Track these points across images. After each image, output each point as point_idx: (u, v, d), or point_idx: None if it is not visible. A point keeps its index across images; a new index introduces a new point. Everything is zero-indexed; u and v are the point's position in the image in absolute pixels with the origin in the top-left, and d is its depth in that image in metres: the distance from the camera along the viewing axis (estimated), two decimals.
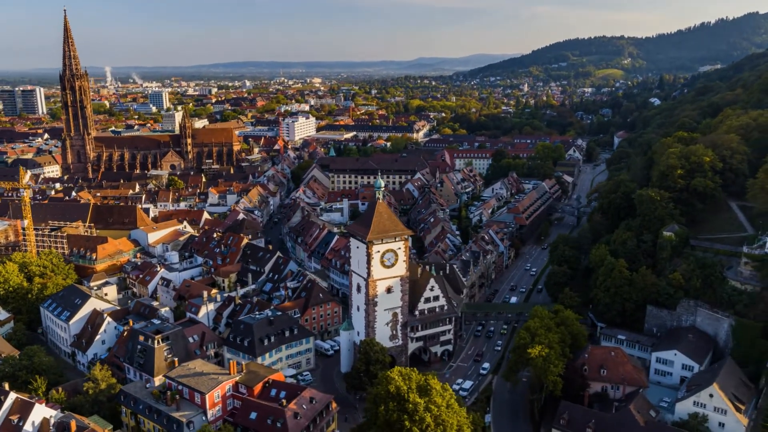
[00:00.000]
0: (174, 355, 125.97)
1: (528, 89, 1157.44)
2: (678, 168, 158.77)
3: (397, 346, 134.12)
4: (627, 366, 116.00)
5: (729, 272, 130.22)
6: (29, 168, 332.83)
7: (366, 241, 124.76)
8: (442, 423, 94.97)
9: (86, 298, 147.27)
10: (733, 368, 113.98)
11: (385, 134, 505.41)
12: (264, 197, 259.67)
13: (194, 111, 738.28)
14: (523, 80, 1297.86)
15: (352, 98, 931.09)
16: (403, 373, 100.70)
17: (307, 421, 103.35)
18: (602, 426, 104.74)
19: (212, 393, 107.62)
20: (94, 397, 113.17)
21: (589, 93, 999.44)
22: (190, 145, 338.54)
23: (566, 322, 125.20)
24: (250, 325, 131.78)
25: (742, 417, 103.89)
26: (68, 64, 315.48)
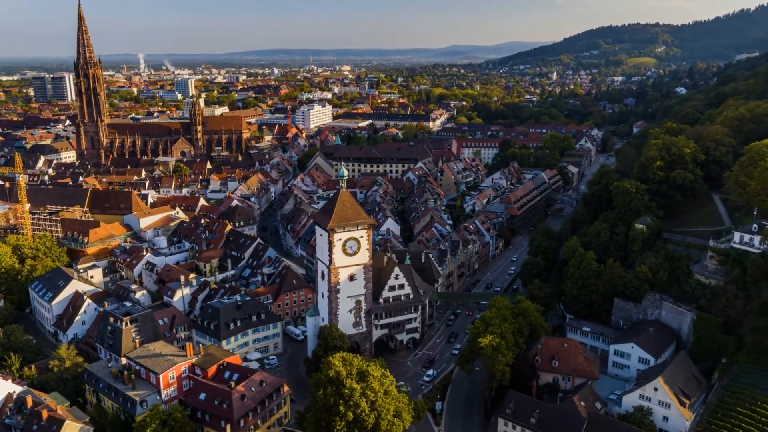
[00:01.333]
0: (142, 336, 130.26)
1: (557, 78, 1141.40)
2: (658, 160, 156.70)
3: (361, 333, 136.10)
4: (579, 358, 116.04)
5: (695, 266, 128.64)
6: (46, 153, 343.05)
7: (327, 229, 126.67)
8: (377, 409, 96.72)
9: (69, 280, 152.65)
10: (685, 363, 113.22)
11: (401, 123, 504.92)
12: (264, 184, 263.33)
13: (217, 98, 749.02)
14: (552, 68, 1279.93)
15: (376, 86, 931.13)
16: (346, 359, 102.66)
17: (253, 403, 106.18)
18: (546, 416, 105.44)
19: (166, 374, 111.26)
20: (59, 375, 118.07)
21: (619, 82, 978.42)
22: (200, 133, 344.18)
23: (525, 313, 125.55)
24: (218, 309, 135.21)
25: (685, 411, 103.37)
26: (82, 52, 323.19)
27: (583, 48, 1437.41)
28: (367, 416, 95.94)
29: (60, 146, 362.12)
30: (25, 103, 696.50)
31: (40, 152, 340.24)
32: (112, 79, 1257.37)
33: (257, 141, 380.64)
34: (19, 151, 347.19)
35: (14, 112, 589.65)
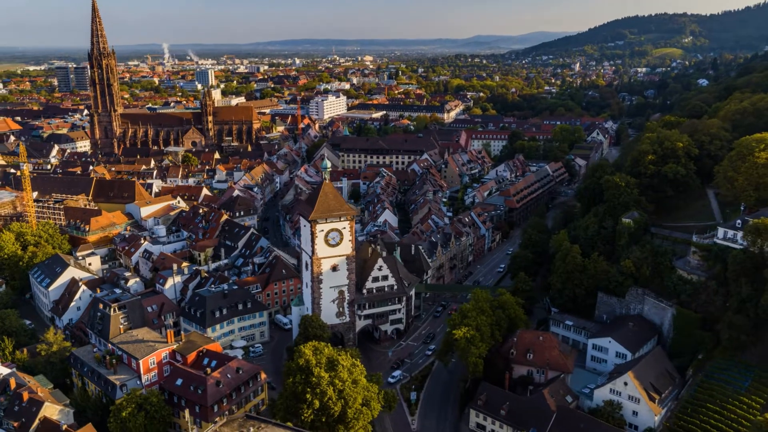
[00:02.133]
0: (130, 323, 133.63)
1: (579, 69, 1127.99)
2: (650, 153, 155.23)
3: (345, 323, 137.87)
4: (554, 351, 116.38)
5: (679, 262, 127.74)
6: (62, 143, 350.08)
7: (310, 220, 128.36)
8: (344, 397, 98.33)
9: (66, 267, 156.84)
10: (660, 358, 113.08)
11: (415, 114, 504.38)
12: (269, 175, 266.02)
13: (236, 88, 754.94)
14: (575, 59, 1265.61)
15: (395, 77, 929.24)
16: (318, 348, 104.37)
17: (228, 389, 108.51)
18: (515, 408, 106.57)
19: (147, 359, 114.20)
20: (47, 359, 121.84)
21: (642, 73, 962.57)
22: (211, 123, 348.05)
23: (505, 306, 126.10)
24: (204, 297, 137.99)
25: (654, 406, 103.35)
26: (95, 42, 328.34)
27: (608, 38, 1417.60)
28: (334, 404, 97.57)
29: (76, 135, 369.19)
30: (48, 93, 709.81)
31: (56, 141, 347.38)
32: (137, 68, 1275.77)
33: (268, 131, 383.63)
34: (35, 140, 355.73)
35: (37, 102, 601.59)
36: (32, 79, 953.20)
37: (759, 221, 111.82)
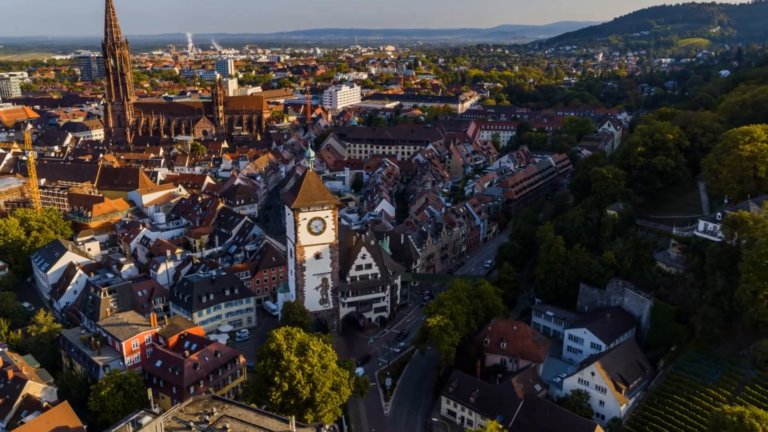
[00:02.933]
0: (120, 306, 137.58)
1: (602, 59, 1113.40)
2: (639, 145, 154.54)
3: (328, 310, 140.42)
4: (527, 341, 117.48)
5: (659, 254, 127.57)
6: (77, 131, 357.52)
7: (293, 208, 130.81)
8: (313, 381, 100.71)
9: (64, 251, 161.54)
10: (631, 349, 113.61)
11: (429, 104, 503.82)
12: (273, 164, 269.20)
13: (254, 78, 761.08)
14: (599, 49, 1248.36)
15: (414, 67, 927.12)
16: (290, 333, 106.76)
17: (206, 372, 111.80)
18: (484, 396, 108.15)
19: (129, 341, 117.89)
20: (37, 339, 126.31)
21: (666, 64, 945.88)
22: (222, 112, 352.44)
23: (483, 295, 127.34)
24: (192, 283, 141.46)
25: (620, 396, 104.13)
26: (109, 32, 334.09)
27: (633, 28, 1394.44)
28: (302, 387, 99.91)
29: (91, 124, 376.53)
30: (71, 82, 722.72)
31: (71, 130, 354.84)
32: (160, 58, 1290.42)
33: (278, 121, 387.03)
34: (52, 128, 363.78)
35: (58, 91, 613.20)
36: (57, 68, 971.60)
37: (736, 214, 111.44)
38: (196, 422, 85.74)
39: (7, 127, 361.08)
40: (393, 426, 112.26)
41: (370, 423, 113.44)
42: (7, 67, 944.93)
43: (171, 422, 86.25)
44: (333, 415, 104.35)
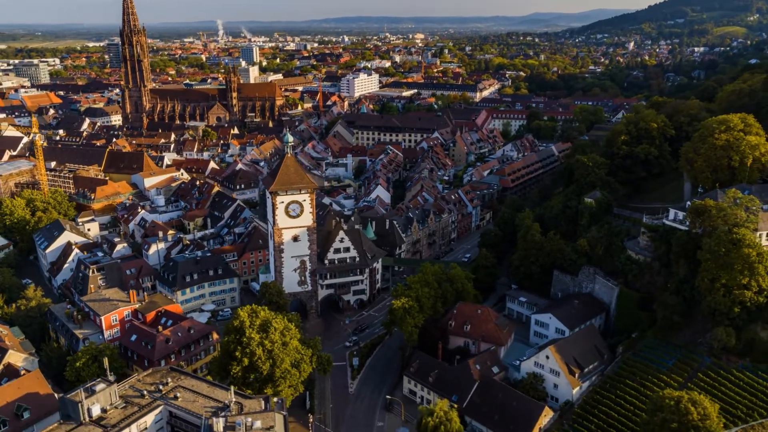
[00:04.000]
0: (108, 283, 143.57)
1: (633, 47, 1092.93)
2: (623, 134, 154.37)
3: (307, 292, 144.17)
4: (490, 324, 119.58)
5: (629, 242, 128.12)
6: (96, 116, 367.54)
7: (270, 192, 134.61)
8: (273, 357, 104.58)
9: (62, 231, 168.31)
10: (591, 335, 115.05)
11: (447, 92, 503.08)
12: (279, 150, 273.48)
13: (278, 65, 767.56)
14: (631, 38, 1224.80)
15: (439, 55, 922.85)
16: (254, 311, 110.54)
17: (177, 347, 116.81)
18: (442, 376, 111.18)
19: (108, 316, 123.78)
20: (26, 313, 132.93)
21: (699, 53, 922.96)
22: (236, 99, 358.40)
23: (453, 279, 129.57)
24: (177, 262, 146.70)
25: (573, 380, 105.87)
26: (126, 20, 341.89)
27: (668, 16, 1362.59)
28: (262, 363, 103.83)
29: (111, 110, 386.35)
30: (100, 69, 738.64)
31: (91, 115, 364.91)
32: (191, 45, 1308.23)
33: (291, 108, 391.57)
34: (73, 114, 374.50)
35: (87, 77, 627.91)
36: (89, 54, 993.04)
37: (700, 203, 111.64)
38: (150, 391, 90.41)
39: (30, 112, 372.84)
40: (355, 403, 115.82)
41: (333, 399, 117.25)
42: (42, 53, 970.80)
43: (127, 390, 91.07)
44: (294, 391, 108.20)
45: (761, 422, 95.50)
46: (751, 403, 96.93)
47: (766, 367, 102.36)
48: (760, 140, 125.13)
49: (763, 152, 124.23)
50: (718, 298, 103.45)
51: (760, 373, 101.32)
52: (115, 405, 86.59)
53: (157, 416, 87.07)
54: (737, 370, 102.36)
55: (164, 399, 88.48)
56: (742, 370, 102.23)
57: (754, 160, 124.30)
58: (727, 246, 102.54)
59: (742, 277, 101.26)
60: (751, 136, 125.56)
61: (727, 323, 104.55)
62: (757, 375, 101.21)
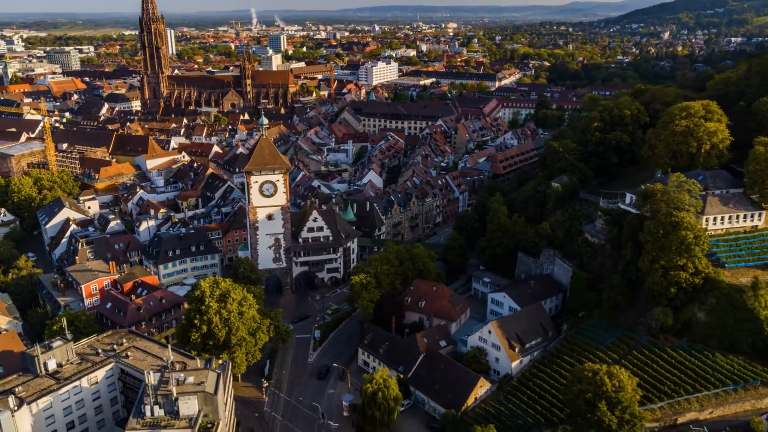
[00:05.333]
0: (96, 256, 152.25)
1: (668, 37, 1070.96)
2: (597, 120, 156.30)
3: (281, 269, 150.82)
4: (443, 301, 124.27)
5: (587, 226, 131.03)
6: (117, 102, 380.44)
7: (244, 172, 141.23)
8: (229, 326, 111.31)
9: (62, 208, 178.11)
10: (537, 313, 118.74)
11: (466, 81, 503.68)
12: (284, 135, 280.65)
13: (303, 54, 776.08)
14: (666, 27, 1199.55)
15: (466, 44, 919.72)
16: (217, 282, 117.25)
17: (148, 314, 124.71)
18: (391, 348, 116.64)
19: (89, 285, 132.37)
20: (17, 281, 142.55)
21: (735, 44, 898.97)
22: (250, 86, 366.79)
23: (415, 258, 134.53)
24: (161, 238, 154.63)
25: (513, 354, 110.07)
26: (146, 8, 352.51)
27: (707, 5, 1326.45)
28: (219, 330, 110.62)
29: (132, 95, 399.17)
30: (131, 56, 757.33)
31: (113, 101, 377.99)
32: (224, 34, 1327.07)
33: (304, 95, 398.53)
34: (95, 99, 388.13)
35: (116, 64, 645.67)
36: (124, 42, 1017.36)
37: (649, 186, 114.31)
38: (105, 350, 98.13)
39: (55, 97, 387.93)
40: (311, 370, 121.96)
41: (292, 367, 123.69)
42: (79, 41, 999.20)
43: (85, 348, 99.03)
44: (251, 357, 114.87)
45: (687, 398, 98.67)
46: (679, 380, 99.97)
47: (701, 347, 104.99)
48: (719, 126, 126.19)
49: (721, 138, 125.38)
50: (656, 279, 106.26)
51: (694, 353, 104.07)
52: (71, 361, 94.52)
53: (108, 372, 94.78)
54: (671, 348, 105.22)
55: (117, 357, 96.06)
56: (677, 349, 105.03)
57: (712, 146, 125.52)
58: (666, 228, 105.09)
59: (679, 258, 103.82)
60: (710, 123, 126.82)
61: (666, 304, 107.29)
62: (690, 354, 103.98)
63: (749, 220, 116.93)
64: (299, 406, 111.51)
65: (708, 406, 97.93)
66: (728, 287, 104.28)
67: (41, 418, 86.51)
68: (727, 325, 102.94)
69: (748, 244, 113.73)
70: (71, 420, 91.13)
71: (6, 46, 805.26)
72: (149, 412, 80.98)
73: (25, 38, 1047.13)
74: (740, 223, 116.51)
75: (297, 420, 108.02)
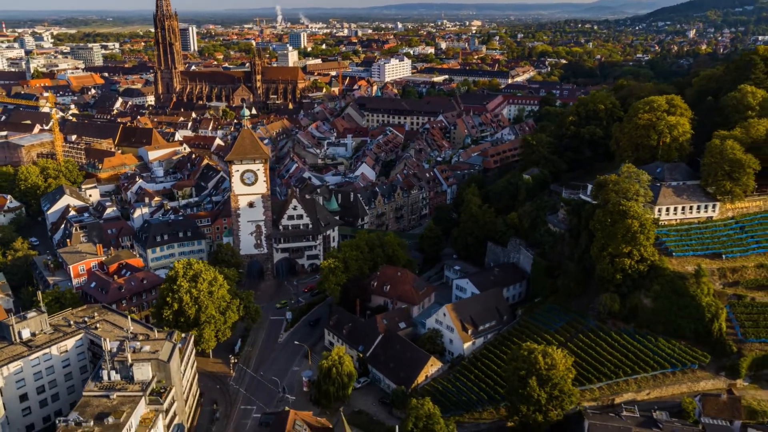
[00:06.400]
0: (89, 240, 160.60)
1: (694, 35, 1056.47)
2: (572, 114, 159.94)
3: (262, 254, 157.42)
4: (407, 286, 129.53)
5: (551, 216, 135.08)
6: (133, 96, 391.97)
7: (226, 161, 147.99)
8: (199, 304, 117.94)
9: (63, 195, 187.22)
10: (494, 298, 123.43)
11: (479, 78, 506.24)
12: (287, 129, 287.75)
13: (321, 51, 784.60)
14: (693, 25, 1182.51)
15: (486, 42, 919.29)
16: (190, 264, 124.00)
17: (129, 294, 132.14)
18: (354, 329, 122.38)
19: (76, 266, 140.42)
20: (13, 262, 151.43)
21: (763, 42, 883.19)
22: (260, 81, 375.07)
23: (385, 245, 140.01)
24: (151, 224, 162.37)
25: (465, 336, 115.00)
26: (160, 5, 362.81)
27: (736, 2, 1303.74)
28: (189, 308, 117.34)
29: (147, 90, 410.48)
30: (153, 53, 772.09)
31: (129, 95, 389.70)
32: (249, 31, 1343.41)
33: (312, 91, 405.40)
34: (111, 93, 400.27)
35: (138, 60, 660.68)
36: (149, 39, 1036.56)
37: (603, 177, 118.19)
38: (77, 322, 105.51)
39: (74, 91, 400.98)
40: (280, 350, 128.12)
41: (262, 345, 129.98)
42: (106, 38, 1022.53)
43: (59, 320, 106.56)
44: (221, 335, 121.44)
45: (626, 379, 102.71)
46: (620, 363, 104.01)
47: (647, 332, 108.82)
48: (680, 120, 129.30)
49: (682, 132, 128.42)
50: (604, 265, 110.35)
51: (638, 337, 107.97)
52: (44, 331, 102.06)
53: (77, 342, 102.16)
54: (616, 333, 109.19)
55: (86, 329, 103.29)
56: (622, 333, 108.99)
57: (672, 139, 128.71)
58: (614, 217, 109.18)
59: (625, 246, 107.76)
60: (672, 116, 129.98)
61: (613, 290, 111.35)
62: (635, 338, 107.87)
63: (703, 212, 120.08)
64: (263, 381, 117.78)
65: (646, 387, 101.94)
66: (672, 274, 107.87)
67: (12, 381, 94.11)
68: (671, 312, 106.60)
69: (699, 234, 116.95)
70: (41, 384, 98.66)
71: (35, 43, 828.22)
72: (106, 376, 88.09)
73: (55, 35, 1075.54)
74: (694, 213, 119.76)
75: (259, 393, 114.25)
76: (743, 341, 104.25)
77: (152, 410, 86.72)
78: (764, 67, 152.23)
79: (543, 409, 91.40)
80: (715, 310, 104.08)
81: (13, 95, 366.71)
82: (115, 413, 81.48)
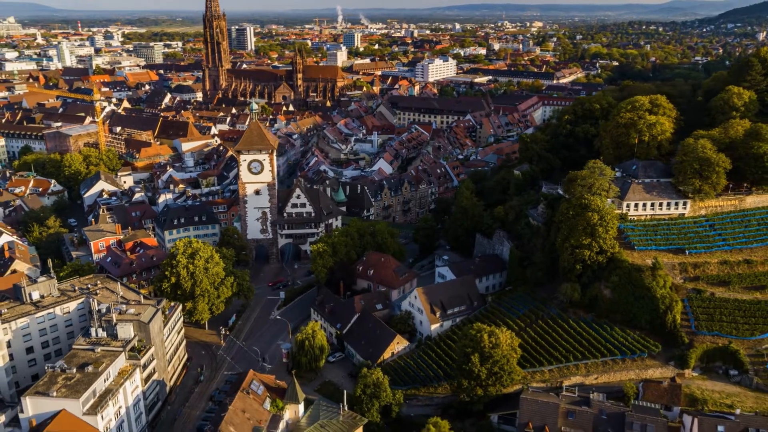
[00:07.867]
0: (115, 221, 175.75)
1: (764, 38, 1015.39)
2: (568, 113, 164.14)
3: (268, 239, 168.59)
4: (389, 271, 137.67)
5: (532, 210, 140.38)
6: (183, 93, 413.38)
7: (234, 151, 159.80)
8: (194, 279, 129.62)
9: (98, 180, 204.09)
10: (467, 285, 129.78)
11: (523, 79, 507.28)
12: (318, 125, 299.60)
13: (373, 51, 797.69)
14: (765, 27, 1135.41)
15: (540, 43, 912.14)
16: (191, 243, 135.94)
17: (139, 269, 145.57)
18: (334, 309, 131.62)
19: (96, 242, 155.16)
20: (46, 238, 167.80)
21: None
22: (300, 80, 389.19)
23: (376, 234, 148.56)
24: (170, 208, 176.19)
25: (433, 318, 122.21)
26: (209, 6, 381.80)
27: None
28: (185, 282, 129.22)
29: (197, 87, 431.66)
30: None
31: (178, 92, 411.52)
32: (309, 31, 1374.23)
33: (351, 89, 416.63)
34: (164, 89, 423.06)
35: (197, 58, 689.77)
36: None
37: (573, 173, 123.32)
38: (81, 288, 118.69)
39: (129, 87, 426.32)
40: (270, 326, 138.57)
41: (254, 321, 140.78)
42: (171, 37, 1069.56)
43: (66, 286, 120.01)
44: (214, 308, 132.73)
45: (576, 364, 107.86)
46: (571, 348, 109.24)
47: (605, 321, 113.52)
48: (660, 119, 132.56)
49: (661, 131, 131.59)
50: (566, 256, 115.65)
51: (595, 326, 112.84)
52: (52, 294, 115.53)
53: (80, 305, 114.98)
54: (574, 320, 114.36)
55: (88, 294, 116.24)
56: (580, 322, 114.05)
57: (651, 137, 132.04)
58: (576, 210, 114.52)
59: (585, 237, 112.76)
60: (653, 116, 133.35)
61: (575, 280, 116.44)
62: (591, 327, 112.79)
63: (674, 208, 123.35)
64: (249, 351, 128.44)
65: (594, 372, 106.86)
66: (630, 267, 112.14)
67: (19, 335, 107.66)
68: (628, 302, 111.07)
69: (666, 230, 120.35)
70: (46, 340, 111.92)
71: (104, 41, 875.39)
72: (94, 333, 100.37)
73: (126, 34, 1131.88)
74: (664, 210, 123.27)
75: (243, 362, 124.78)
76: (696, 333, 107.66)
77: (131, 364, 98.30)
78: (761, 68, 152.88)
79: (483, 383, 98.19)
80: (669, 302, 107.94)
81: (74, 89, 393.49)
82: (96, 363, 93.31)
